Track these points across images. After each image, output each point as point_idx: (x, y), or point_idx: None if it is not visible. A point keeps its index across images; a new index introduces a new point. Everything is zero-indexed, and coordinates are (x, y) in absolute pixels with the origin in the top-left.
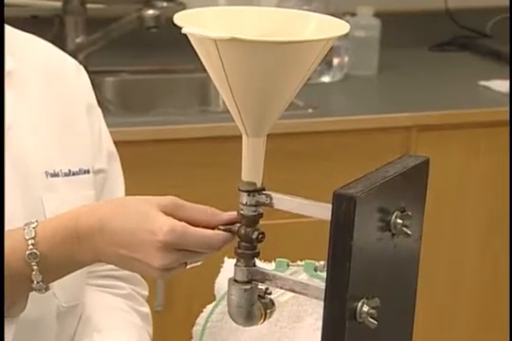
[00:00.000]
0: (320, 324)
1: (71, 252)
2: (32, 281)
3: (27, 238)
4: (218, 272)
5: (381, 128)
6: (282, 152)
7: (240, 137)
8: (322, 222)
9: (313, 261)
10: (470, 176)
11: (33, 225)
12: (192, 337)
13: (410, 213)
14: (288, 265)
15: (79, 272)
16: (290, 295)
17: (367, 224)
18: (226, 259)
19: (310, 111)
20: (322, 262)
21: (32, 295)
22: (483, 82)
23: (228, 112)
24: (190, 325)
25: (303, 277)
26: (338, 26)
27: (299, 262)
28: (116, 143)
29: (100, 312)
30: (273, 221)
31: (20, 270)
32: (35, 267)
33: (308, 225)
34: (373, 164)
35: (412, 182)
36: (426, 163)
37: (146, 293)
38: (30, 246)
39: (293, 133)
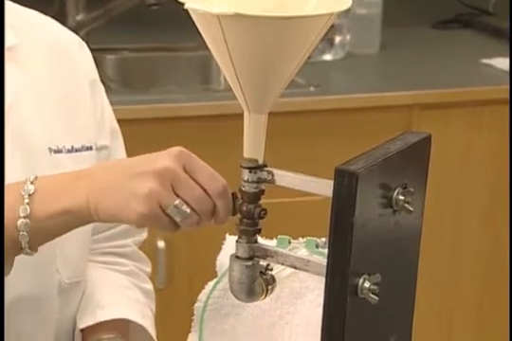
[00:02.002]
0: (321, 300)
1: (66, 185)
2: (19, 231)
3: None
4: (219, 249)
5: (383, 106)
6: (283, 131)
7: (241, 115)
8: (324, 201)
9: (314, 238)
10: (472, 154)
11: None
12: (193, 314)
13: (411, 190)
14: (290, 242)
15: (81, 247)
16: (291, 270)
17: (369, 201)
18: (227, 235)
19: (312, 89)
20: (324, 239)
21: (34, 271)
22: (485, 60)
23: (230, 90)
24: (191, 302)
25: (303, 253)
26: (340, 2)
27: (300, 239)
28: (117, 121)
29: (103, 288)
30: (275, 199)
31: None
32: (26, 200)
33: (309, 204)
34: (374, 142)
35: (414, 158)
36: (427, 139)
37: (149, 269)
38: (27, 183)
39: (294, 111)
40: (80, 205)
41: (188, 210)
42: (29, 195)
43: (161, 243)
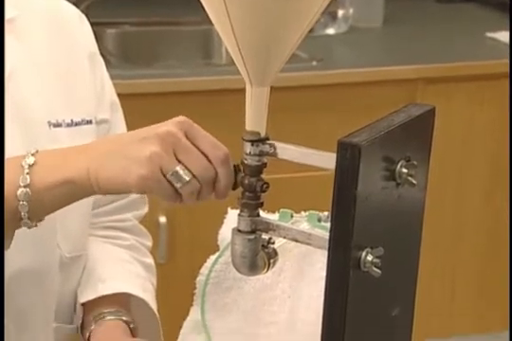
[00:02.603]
0: (323, 274)
1: (66, 157)
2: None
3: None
4: (221, 223)
5: (386, 80)
6: (285, 106)
7: (244, 90)
8: (326, 176)
9: (316, 212)
10: (475, 128)
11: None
12: (195, 288)
13: (415, 162)
14: (292, 216)
15: (82, 221)
16: (293, 244)
17: (372, 173)
18: (229, 209)
19: (314, 63)
20: (326, 213)
21: (35, 245)
22: (489, 34)
23: (232, 64)
24: (193, 277)
25: (305, 226)
26: None
27: (302, 213)
28: (117, 96)
29: (104, 262)
30: (277, 175)
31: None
32: (26, 170)
33: (312, 180)
34: (377, 117)
35: (418, 131)
36: (431, 112)
37: (150, 244)
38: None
39: (297, 86)
40: (80, 175)
41: (188, 177)
42: (30, 166)
43: (162, 219)
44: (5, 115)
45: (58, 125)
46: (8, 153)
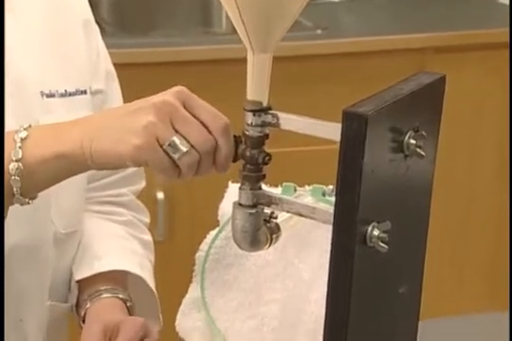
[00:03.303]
0: (328, 249)
1: (60, 131)
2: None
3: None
4: (222, 198)
5: (394, 50)
6: (288, 77)
7: (245, 60)
8: (331, 150)
9: (321, 186)
10: (486, 99)
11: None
12: (194, 266)
13: (424, 133)
14: (295, 190)
15: (76, 196)
16: (296, 219)
17: (379, 145)
18: (230, 183)
19: (319, 32)
20: (331, 187)
21: (29, 221)
22: (501, 0)
23: (233, 33)
24: (192, 254)
25: (309, 200)
26: None
27: (306, 187)
28: (113, 66)
29: (100, 239)
30: (280, 149)
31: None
32: (18, 144)
33: (316, 154)
34: (384, 88)
35: (427, 100)
36: (442, 80)
37: (147, 220)
38: (20, 130)
39: (301, 55)
40: (73, 148)
41: (186, 147)
42: (22, 140)
43: (160, 194)
44: None
45: (51, 95)
46: None
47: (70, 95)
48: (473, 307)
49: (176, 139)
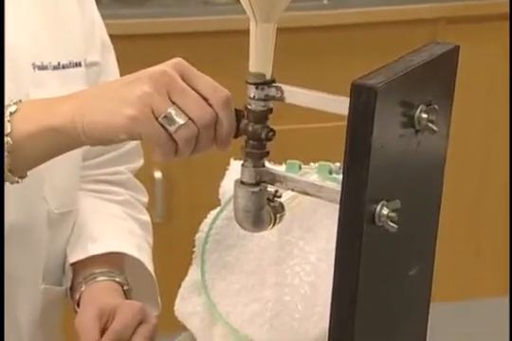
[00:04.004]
0: (335, 230)
1: (51, 105)
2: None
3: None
4: (223, 176)
5: (404, 21)
6: (294, 49)
7: (246, 32)
8: (338, 127)
9: (328, 163)
10: (501, 71)
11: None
12: (194, 248)
13: (436, 107)
14: (300, 168)
15: (70, 175)
16: (301, 198)
17: (388, 119)
18: (232, 160)
19: (325, 2)
20: (338, 164)
21: (21, 200)
22: None
23: (233, 3)
24: (192, 236)
25: (315, 179)
26: None
27: (312, 165)
28: (109, 37)
29: (95, 219)
30: (285, 126)
31: None
32: (7, 118)
33: (322, 131)
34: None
35: (440, 72)
36: (455, 51)
37: (145, 199)
38: (10, 104)
39: (306, 26)
40: (64, 122)
41: (183, 119)
42: (11, 114)
43: (158, 174)
44: None
45: (43, 68)
46: None
47: (63, 67)
48: (490, 289)
49: (173, 111)
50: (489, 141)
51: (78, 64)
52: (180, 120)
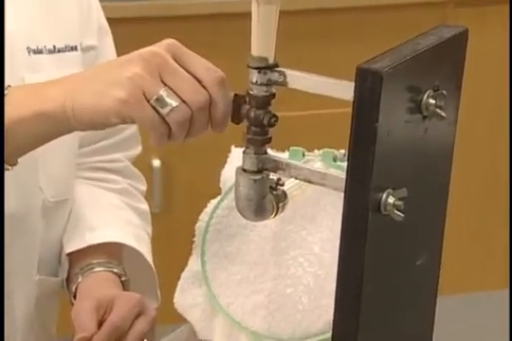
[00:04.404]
0: (339, 220)
1: (41, 89)
2: None
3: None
4: (224, 163)
5: (412, 3)
6: (298, 32)
7: (247, 15)
8: (342, 114)
9: (332, 150)
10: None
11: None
12: (194, 238)
13: (444, 92)
14: (304, 155)
15: (66, 162)
16: (304, 187)
17: (395, 105)
18: (233, 147)
19: None
20: (342, 151)
21: (15, 188)
22: None
23: None
24: (192, 227)
25: (319, 165)
26: None
27: (316, 152)
28: (106, 20)
29: (92, 208)
30: (288, 112)
31: None
32: None
33: (326, 118)
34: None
35: (448, 56)
36: (464, 34)
37: (144, 188)
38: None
39: (312, 9)
40: (54, 106)
41: (176, 101)
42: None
43: (156, 162)
44: None
45: (38, 51)
46: None
47: (59, 51)
48: (499, 282)
49: (165, 93)
50: (498, 128)
51: (74, 48)
52: (173, 102)
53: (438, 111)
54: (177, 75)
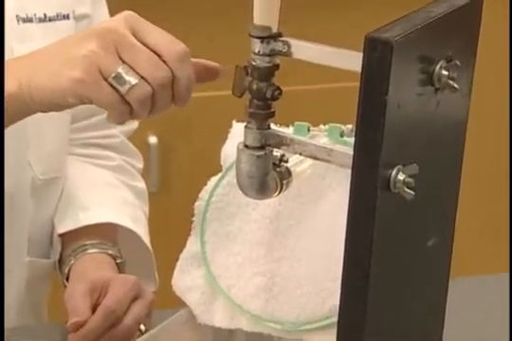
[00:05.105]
0: (346, 198)
1: (10, 61)
2: None
3: None
4: (224, 139)
5: None
6: (303, 0)
7: None
8: (349, 88)
9: (339, 125)
10: None
11: None
12: (192, 218)
13: (457, 63)
14: (309, 130)
15: (57, 138)
16: (309, 164)
17: (405, 76)
18: (234, 122)
19: None
20: (350, 126)
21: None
22: None
23: None
24: (190, 207)
25: (325, 141)
26: None
27: (321, 127)
28: None
29: (86, 187)
30: (292, 87)
31: None
32: None
33: (333, 92)
34: None
35: (462, 25)
36: (478, 1)
37: (141, 165)
38: None
39: None
40: (12, 86)
41: (135, 79)
42: None
43: (153, 139)
44: None
45: (28, 20)
46: None
47: (50, 20)
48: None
49: (123, 70)
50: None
51: (66, 17)
52: (131, 80)
53: (451, 83)
54: (135, 50)
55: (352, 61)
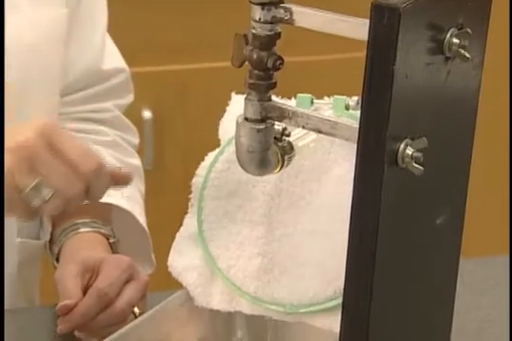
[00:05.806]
0: (351, 174)
1: None
2: None
3: None
4: (223, 112)
5: None
6: None
7: None
8: (355, 59)
9: (344, 97)
10: None
11: None
12: (189, 196)
13: (469, 31)
14: (313, 102)
15: (46, 112)
16: (312, 138)
17: (414, 45)
18: (233, 94)
19: None
20: (355, 98)
21: None
22: None
23: None
24: (187, 184)
25: (329, 114)
26: None
27: (326, 99)
28: None
29: None
30: (295, 58)
31: None
32: None
33: (338, 63)
34: None
35: None
36: None
37: (136, 141)
38: None
39: None
40: None
41: (47, 193)
42: None
43: (147, 113)
44: None
45: None
46: None
47: None
48: None
49: (36, 185)
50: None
51: None
52: (44, 195)
53: (462, 51)
54: (49, 165)
55: (357, 28)
